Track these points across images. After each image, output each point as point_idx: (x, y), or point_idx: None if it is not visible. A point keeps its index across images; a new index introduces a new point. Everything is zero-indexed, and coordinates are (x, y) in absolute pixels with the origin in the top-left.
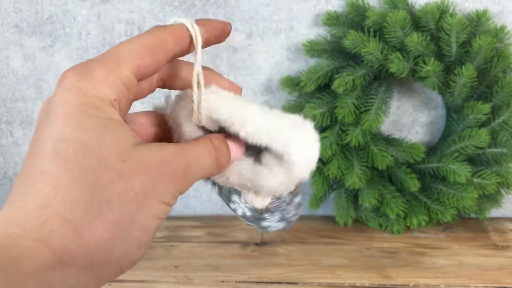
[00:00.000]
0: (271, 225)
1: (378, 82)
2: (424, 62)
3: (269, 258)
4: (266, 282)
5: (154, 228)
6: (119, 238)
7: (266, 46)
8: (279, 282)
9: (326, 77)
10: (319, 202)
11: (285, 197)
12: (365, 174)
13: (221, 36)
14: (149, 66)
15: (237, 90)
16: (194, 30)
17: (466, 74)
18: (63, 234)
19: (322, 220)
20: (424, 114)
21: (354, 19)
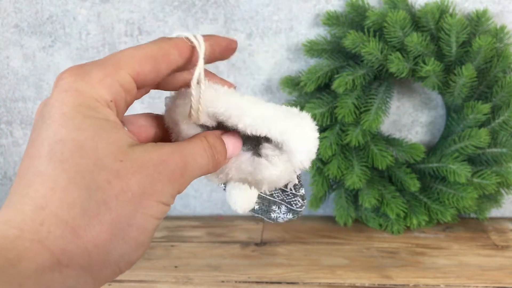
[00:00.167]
0: (279, 216)
1: (378, 82)
2: (424, 62)
3: (269, 258)
4: (266, 282)
5: (152, 228)
6: (117, 238)
7: (266, 46)
8: (279, 282)
9: (326, 77)
10: (319, 202)
11: (290, 189)
12: (365, 174)
13: (226, 52)
14: (149, 74)
15: (230, 86)
16: (197, 39)
17: (466, 74)
18: (61, 235)
19: (322, 220)
20: (424, 114)
21: (354, 19)
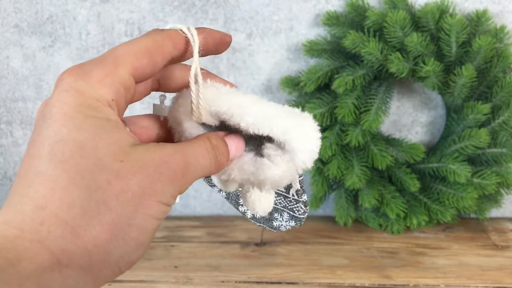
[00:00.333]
0: (281, 224)
1: (378, 82)
2: (424, 62)
3: (269, 258)
4: (266, 282)
5: (153, 228)
6: (117, 238)
7: (266, 46)
8: (279, 282)
9: (326, 77)
10: (319, 202)
11: (293, 195)
12: (365, 174)
13: (219, 45)
14: (146, 68)
15: (231, 86)
16: (190, 32)
17: (466, 74)
18: (61, 235)
19: (322, 220)
20: (424, 114)
21: (354, 19)
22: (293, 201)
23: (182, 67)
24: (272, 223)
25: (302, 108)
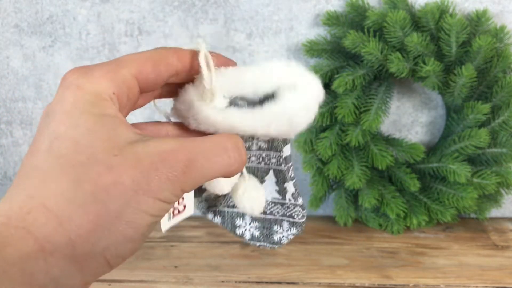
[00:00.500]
0: (283, 235)
1: (378, 82)
2: (424, 62)
3: (269, 258)
4: (266, 282)
5: (145, 224)
6: (102, 229)
7: (266, 46)
8: (279, 282)
9: (326, 77)
10: (319, 202)
11: (289, 199)
12: (365, 174)
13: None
14: (150, 74)
15: (233, 65)
16: (198, 43)
17: (466, 74)
18: (45, 223)
19: (322, 220)
20: (424, 114)
21: (354, 19)
22: (290, 206)
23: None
24: (272, 238)
25: None
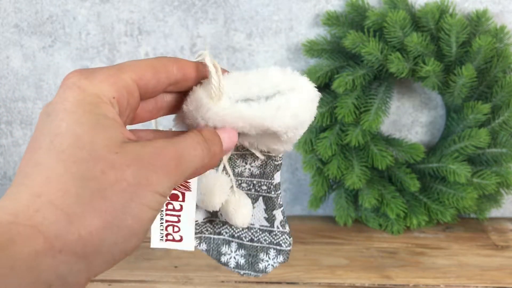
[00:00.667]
0: (268, 263)
1: (378, 82)
2: (424, 62)
3: None
4: (266, 282)
5: (148, 218)
6: (111, 226)
7: (266, 46)
8: (279, 282)
9: (326, 77)
10: (319, 202)
11: (277, 227)
12: (365, 174)
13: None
14: (150, 80)
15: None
16: (202, 53)
17: (466, 74)
18: (55, 221)
19: (322, 220)
20: (424, 114)
21: (354, 19)
22: (278, 233)
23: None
24: (258, 266)
25: None
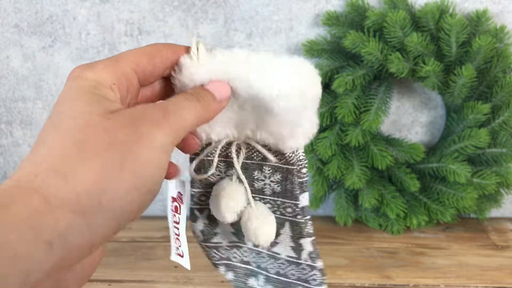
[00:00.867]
0: None
1: (378, 82)
2: (424, 62)
3: None
4: None
5: (145, 171)
6: (107, 181)
7: (266, 46)
8: None
9: (326, 77)
10: (319, 202)
11: (305, 260)
12: (365, 174)
13: None
14: (147, 66)
15: None
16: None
17: (466, 74)
18: (53, 182)
19: (322, 220)
20: (424, 114)
21: (354, 19)
22: (306, 268)
23: None
24: None
25: None
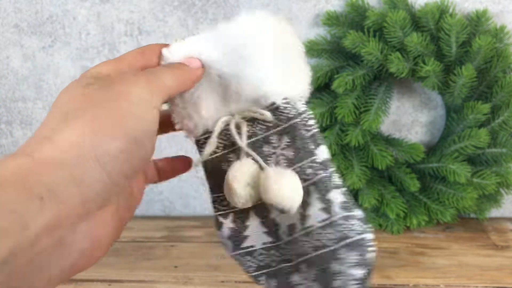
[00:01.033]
0: (345, 275)
1: (378, 82)
2: (424, 62)
3: None
4: None
5: (128, 124)
6: (90, 136)
7: None
8: None
9: (326, 77)
10: None
11: (336, 211)
12: (365, 174)
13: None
14: (140, 62)
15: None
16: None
17: (466, 74)
18: (40, 146)
19: None
20: (424, 114)
21: (354, 19)
22: (342, 222)
23: None
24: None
25: None
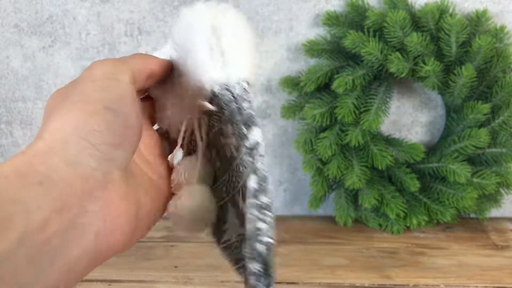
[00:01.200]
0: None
1: (378, 82)
2: (424, 62)
3: None
4: None
5: (97, 97)
6: (65, 122)
7: (266, 46)
8: (279, 282)
9: (326, 77)
10: (319, 202)
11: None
12: (364, 174)
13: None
14: (141, 65)
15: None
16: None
17: (466, 74)
18: (33, 145)
19: (322, 220)
20: (424, 114)
21: (354, 19)
22: (253, 218)
23: None
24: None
25: (302, 108)
